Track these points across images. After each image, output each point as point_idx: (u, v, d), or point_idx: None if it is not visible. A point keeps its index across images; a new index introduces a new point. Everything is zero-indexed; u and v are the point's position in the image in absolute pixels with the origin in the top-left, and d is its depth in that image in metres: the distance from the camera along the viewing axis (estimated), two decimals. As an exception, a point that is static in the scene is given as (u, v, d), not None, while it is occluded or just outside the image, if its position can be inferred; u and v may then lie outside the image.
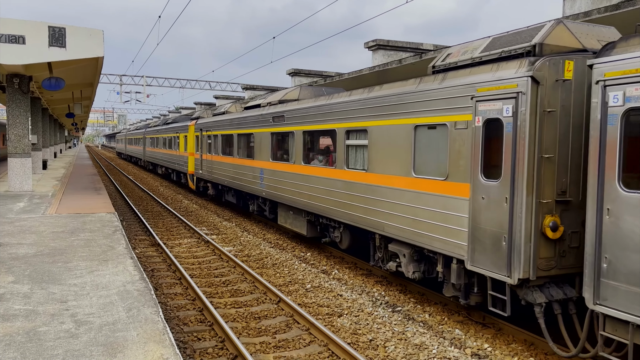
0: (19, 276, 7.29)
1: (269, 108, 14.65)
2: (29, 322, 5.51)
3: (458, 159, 7.33)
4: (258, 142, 15.19)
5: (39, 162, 25.71)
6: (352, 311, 8.50)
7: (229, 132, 18.22)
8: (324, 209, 11.20)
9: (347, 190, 10.24)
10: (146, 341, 5.08)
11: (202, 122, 22.17)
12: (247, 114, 16.28)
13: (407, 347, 7.06)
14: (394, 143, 8.77)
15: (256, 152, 15.31)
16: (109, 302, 6.24)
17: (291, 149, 13.03)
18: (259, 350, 6.93)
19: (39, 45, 14.54)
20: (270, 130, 14.21)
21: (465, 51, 7.82)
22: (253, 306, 8.75)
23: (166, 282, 10.02)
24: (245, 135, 16.55)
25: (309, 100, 12.28)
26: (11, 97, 16.91)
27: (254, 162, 15.52)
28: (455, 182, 7.38)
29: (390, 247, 9.05)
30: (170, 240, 14.07)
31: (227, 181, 18.34)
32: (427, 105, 7.92)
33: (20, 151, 17.03)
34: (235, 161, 17.33)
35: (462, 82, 7.26)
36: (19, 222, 11.53)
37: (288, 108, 13.13)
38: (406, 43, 19.30)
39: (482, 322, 8.06)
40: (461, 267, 7.43)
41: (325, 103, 11.21)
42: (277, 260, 12.02)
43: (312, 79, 26.41)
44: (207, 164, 21.08)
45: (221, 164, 19.10)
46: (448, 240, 7.48)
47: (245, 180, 16.25)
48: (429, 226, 7.88)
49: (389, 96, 8.88)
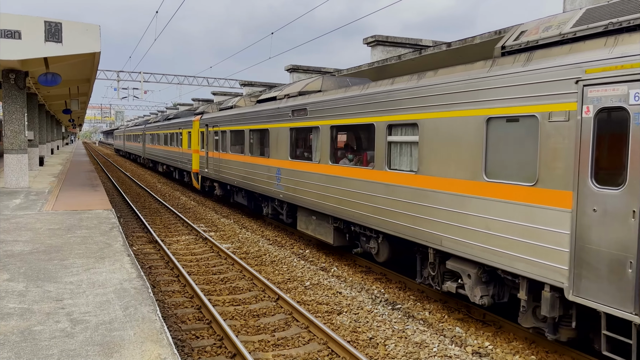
0: (14, 274, 7.19)
1: (287, 101, 13.14)
2: (24, 321, 5.41)
3: (553, 159, 5.91)
4: (274, 139, 13.62)
5: (35, 159, 25.55)
6: (352, 309, 8.43)
7: (239, 127, 16.71)
8: (357, 215, 9.76)
9: (389, 194, 8.79)
10: (143, 341, 4.99)
11: (208, 117, 20.65)
12: (261, 107, 14.78)
13: (407, 346, 6.99)
14: (457, 139, 7.31)
15: (272, 150, 13.79)
16: (105, 301, 6.15)
17: (315, 147, 11.57)
18: (257, 348, 6.86)
19: (35, 40, 14.39)
20: (289, 125, 12.67)
21: (548, 27, 6.50)
22: (252, 304, 8.67)
23: (164, 279, 9.93)
24: (259, 131, 15.03)
25: (336, 91, 10.87)
26: (7, 92, 16.76)
27: (269, 161, 13.99)
28: (548, 189, 5.97)
29: (448, 264, 7.64)
30: (167, 237, 13.97)
31: (237, 181, 16.85)
32: (505, 92, 6.53)
33: (16, 147, 16.90)
34: (247, 159, 15.83)
35: (560, 63, 5.85)
36: (15, 219, 11.42)
37: (311, 100, 11.61)
38: (405, 39, 19.20)
39: (483, 319, 8.00)
40: (557, 295, 6.01)
41: (359, 94, 9.75)
42: (276, 258, 11.94)
43: (310, 75, 26.30)
44: (214, 162, 19.62)
45: (230, 163, 17.63)
46: (537, 262, 6.06)
47: (259, 180, 14.76)
48: (507, 242, 6.46)
49: (450, 83, 7.42)
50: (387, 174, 8.91)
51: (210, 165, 20.32)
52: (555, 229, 5.88)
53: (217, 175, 19.27)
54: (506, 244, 6.48)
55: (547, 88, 5.99)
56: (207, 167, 20.70)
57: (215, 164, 19.51)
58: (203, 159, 21.39)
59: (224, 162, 18.42)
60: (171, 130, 28.86)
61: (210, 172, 20.24)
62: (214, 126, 19.80)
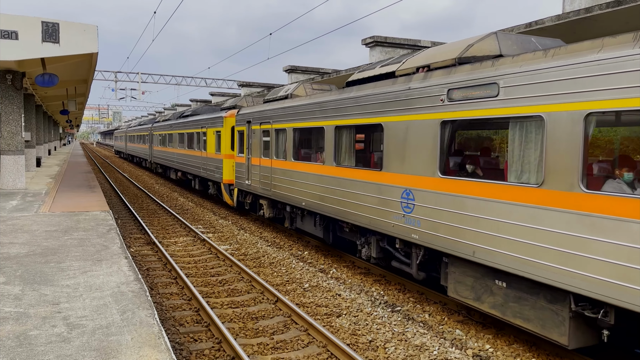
0: (10, 277, 7.11)
1: (426, 77, 8.05)
2: (20, 326, 5.34)
3: None
4: (397, 141, 8.60)
5: (32, 160, 25.47)
6: (351, 311, 8.37)
7: (312, 124, 11.62)
8: None
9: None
10: (141, 345, 4.92)
11: (252, 112, 15.80)
12: (360, 92, 9.76)
13: (407, 348, 6.94)
14: None
15: (390, 159, 8.79)
16: (102, 304, 6.09)
17: (527, 156, 6.37)
18: (256, 351, 6.79)
19: (32, 40, 14.33)
20: (443, 116, 7.59)
21: None
22: (250, 306, 8.60)
23: (162, 281, 9.86)
24: (358, 128, 10.17)
25: (544, 54, 6.22)
26: (4, 93, 16.69)
27: (383, 177, 8.96)
28: None
29: None
30: (165, 239, 13.90)
31: (306, 202, 11.84)
32: None
33: (13, 148, 16.83)
34: (331, 171, 10.73)
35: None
36: (11, 221, 11.34)
37: (508, 71, 6.56)
38: (404, 40, 19.19)
39: (483, 322, 7.95)
40: None
41: None
42: (274, 259, 11.88)
43: (309, 75, 26.26)
44: (263, 171, 14.67)
45: (294, 174, 12.53)
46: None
47: (357, 205, 9.76)
48: None
49: None
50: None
51: (254, 175, 15.45)
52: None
53: (267, 190, 14.36)
54: None
55: None
56: (250, 179, 15.88)
57: (264, 175, 14.64)
58: (242, 167, 16.53)
59: (281, 172, 13.41)
60: (190, 129, 23.88)
61: (256, 185, 15.26)
62: (262, 123, 14.92)
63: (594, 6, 10.03)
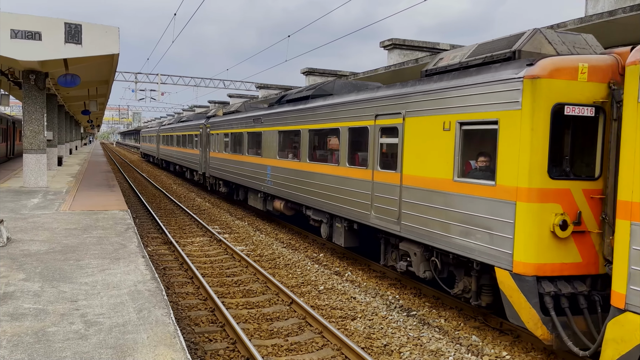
0: (30, 274, 7.23)
1: None
2: (38, 322, 5.42)
3: None
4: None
5: (54, 159, 25.87)
6: (366, 314, 8.33)
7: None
8: None
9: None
10: (156, 344, 4.96)
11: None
12: None
13: (422, 354, 6.87)
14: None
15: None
16: (119, 303, 6.15)
17: None
18: (270, 353, 6.80)
19: (55, 41, 14.57)
20: None
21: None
22: (265, 307, 8.61)
23: (178, 281, 9.93)
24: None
25: None
26: (27, 93, 16.99)
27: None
28: None
29: None
30: (182, 239, 14.01)
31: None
32: None
33: (35, 147, 17.11)
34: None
35: None
36: (33, 219, 11.53)
37: None
38: (422, 42, 19.07)
39: (500, 328, 7.84)
40: None
41: None
42: (290, 261, 11.89)
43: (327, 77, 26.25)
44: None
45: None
46: None
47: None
48: None
49: None
50: None
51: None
52: None
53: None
54: None
55: None
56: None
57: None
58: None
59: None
60: (350, 120, 10.81)
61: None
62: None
63: (617, 9, 9.93)
